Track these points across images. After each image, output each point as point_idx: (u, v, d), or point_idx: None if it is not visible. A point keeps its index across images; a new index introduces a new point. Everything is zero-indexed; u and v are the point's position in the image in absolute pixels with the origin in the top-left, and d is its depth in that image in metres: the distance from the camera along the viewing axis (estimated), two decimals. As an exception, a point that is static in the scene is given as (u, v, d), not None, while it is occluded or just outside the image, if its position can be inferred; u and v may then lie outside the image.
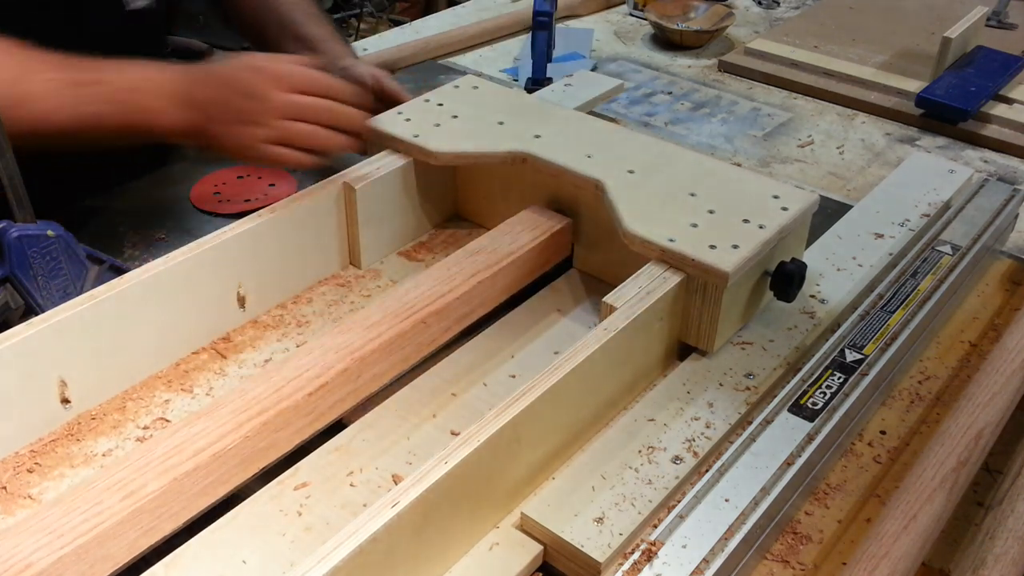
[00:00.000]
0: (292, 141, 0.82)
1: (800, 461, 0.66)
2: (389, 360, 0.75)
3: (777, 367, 0.76)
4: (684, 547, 0.60)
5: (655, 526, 0.63)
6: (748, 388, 0.74)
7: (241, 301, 0.82)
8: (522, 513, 0.63)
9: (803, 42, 1.44)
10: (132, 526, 0.59)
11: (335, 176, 0.87)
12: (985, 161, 1.18)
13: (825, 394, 0.72)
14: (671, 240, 0.75)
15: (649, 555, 0.60)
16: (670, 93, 1.35)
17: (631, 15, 1.61)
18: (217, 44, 1.34)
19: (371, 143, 0.93)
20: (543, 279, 0.88)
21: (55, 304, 0.72)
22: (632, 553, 0.60)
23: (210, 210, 1.00)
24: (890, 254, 0.88)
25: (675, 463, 0.67)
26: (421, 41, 1.41)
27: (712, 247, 0.74)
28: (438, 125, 0.92)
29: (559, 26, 1.45)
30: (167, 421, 0.73)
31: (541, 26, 1.24)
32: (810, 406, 0.71)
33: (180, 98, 0.80)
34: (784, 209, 0.79)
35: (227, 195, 1.02)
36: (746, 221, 0.77)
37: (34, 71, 0.75)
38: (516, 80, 1.36)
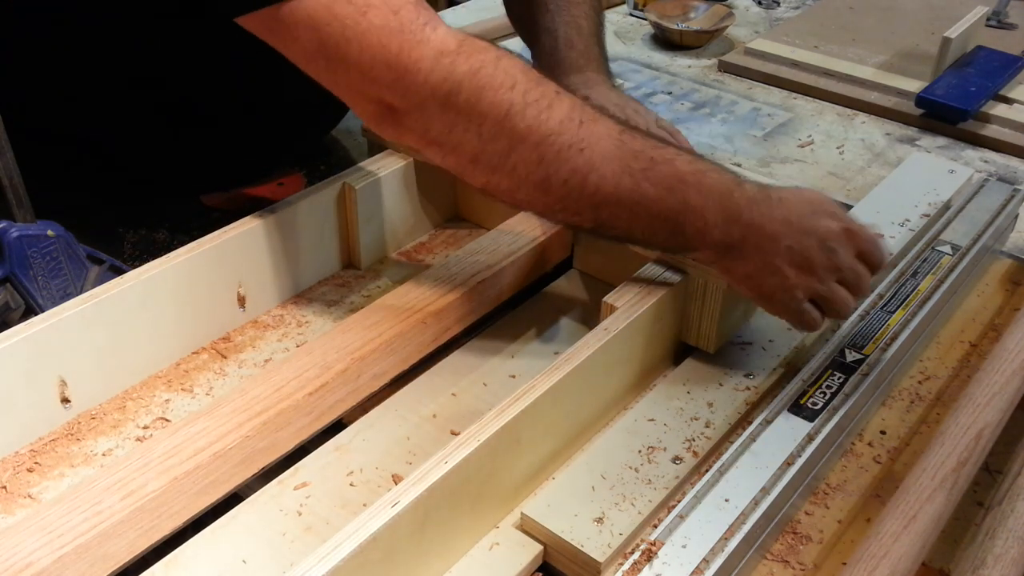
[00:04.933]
0: (827, 303, 0.71)
1: (800, 461, 0.66)
2: (389, 360, 0.75)
3: (777, 367, 0.76)
4: (684, 547, 0.60)
5: (655, 526, 0.63)
6: (748, 388, 0.74)
7: (241, 301, 0.82)
8: (522, 513, 0.63)
9: (803, 42, 1.44)
10: (132, 526, 0.59)
11: (335, 176, 0.87)
12: (985, 161, 1.18)
13: (825, 394, 0.72)
14: (671, 240, 0.75)
15: (649, 555, 0.60)
16: (670, 93, 1.35)
17: (631, 15, 1.61)
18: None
19: (372, 144, 0.93)
20: (543, 279, 0.88)
21: (55, 304, 0.72)
22: (632, 553, 0.60)
23: (216, 206, 0.99)
24: (890, 254, 0.88)
25: (675, 463, 0.67)
26: (421, 41, 1.41)
27: (712, 247, 0.74)
28: (438, 125, 0.92)
29: (559, 26, 1.45)
30: (167, 421, 0.73)
31: (541, 26, 1.24)
32: (810, 406, 0.71)
33: (729, 208, 0.67)
34: (784, 209, 0.79)
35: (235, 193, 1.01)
36: (746, 221, 0.77)
37: (596, 139, 0.65)
38: (516, 80, 1.35)
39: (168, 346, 0.78)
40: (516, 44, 1.49)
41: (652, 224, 0.68)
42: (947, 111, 1.22)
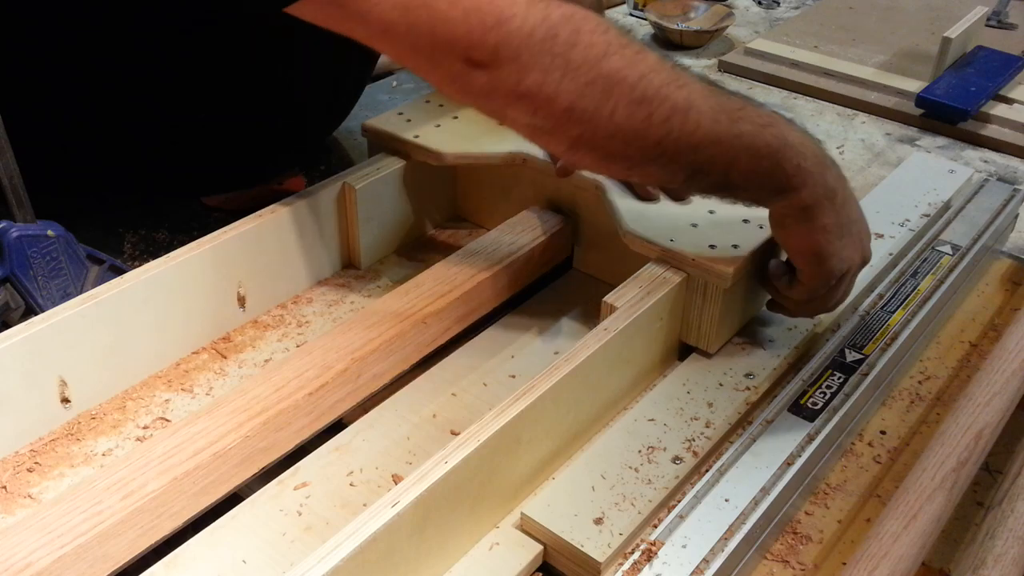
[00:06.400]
0: (830, 299, 0.74)
1: (800, 461, 0.66)
2: (389, 360, 0.75)
3: (777, 367, 0.76)
4: (684, 547, 0.60)
5: (655, 526, 0.63)
6: (748, 388, 0.74)
7: (241, 301, 0.82)
8: (522, 513, 0.63)
9: (803, 42, 1.44)
10: (132, 526, 0.59)
11: (335, 176, 0.87)
12: (985, 161, 1.18)
13: (825, 394, 0.72)
14: (671, 240, 0.75)
15: (649, 555, 0.60)
16: (670, 93, 1.35)
17: (631, 15, 1.61)
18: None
19: (372, 144, 0.93)
20: (543, 279, 0.88)
21: (55, 304, 0.72)
22: (632, 553, 0.60)
23: (216, 206, 0.99)
24: (890, 254, 0.88)
25: (675, 463, 0.67)
26: (421, 41, 1.41)
27: (712, 247, 0.74)
28: (438, 126, 0.92)
29: (559, 26, 1.45)
30: (167, 421, 0.73)
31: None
32: (810, 406, 0.71)
33: (823, 157, 0.68)
34: (784, 209, 0.79)
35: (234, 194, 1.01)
36: (746, 221, 0.77)
37: (689, 79, 0.64)
38: (516, 80, 1.35)
39: (168, 346, 0.78)
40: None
41: (751, 162, 0.65)
42: (947, 111, 1.22)
